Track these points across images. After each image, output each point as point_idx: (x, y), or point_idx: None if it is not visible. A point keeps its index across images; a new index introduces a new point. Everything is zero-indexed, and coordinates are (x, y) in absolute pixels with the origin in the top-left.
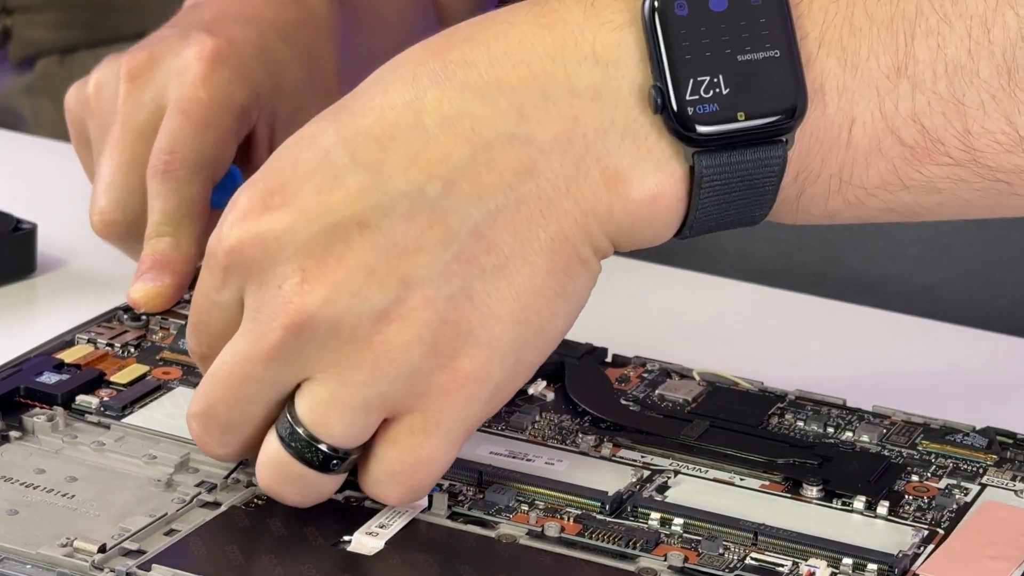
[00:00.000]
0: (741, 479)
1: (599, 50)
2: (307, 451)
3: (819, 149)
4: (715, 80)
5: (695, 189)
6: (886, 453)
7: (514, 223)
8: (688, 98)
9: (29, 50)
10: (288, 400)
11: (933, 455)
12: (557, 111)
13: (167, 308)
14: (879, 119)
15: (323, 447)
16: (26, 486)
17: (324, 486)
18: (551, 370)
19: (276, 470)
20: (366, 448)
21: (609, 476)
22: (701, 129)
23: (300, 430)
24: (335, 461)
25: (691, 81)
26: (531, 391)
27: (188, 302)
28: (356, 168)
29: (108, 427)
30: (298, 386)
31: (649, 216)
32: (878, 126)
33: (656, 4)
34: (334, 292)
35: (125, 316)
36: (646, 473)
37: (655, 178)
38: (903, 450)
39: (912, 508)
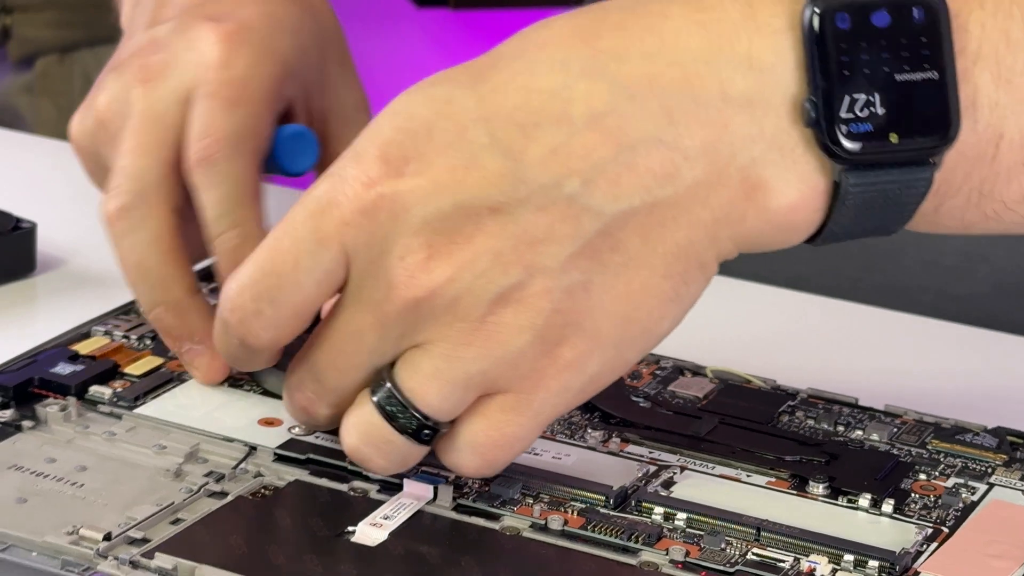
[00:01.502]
0: (748, 476)
1: (754, 54)
2: (402, 416)
3: (964, 164)
4: (871, 99)
5: (837, 204)
6: (895, 452)
7: (645, 226)
8: (842, 115)
9: (28, 49)
10: (387, 365)
11: (942, 454)
12: (707, 117)
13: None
14: None
15: (418, 415)
16: (36, 475)
17: (410, 455)
18: None
19: (366, 432)
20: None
21: (615, 471)
22: (851, 147)
23: (398, 395)
24: (427, 431)
25: (847, 98)
26: None
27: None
28: (495, 151)
29: (120, 417)
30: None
31: (784, 225)
32: None
33: (818, 12)
34: (458, 272)
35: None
36: (652, 468)
37: (797, 190)
38: (912, 449)
39: (918, 506)
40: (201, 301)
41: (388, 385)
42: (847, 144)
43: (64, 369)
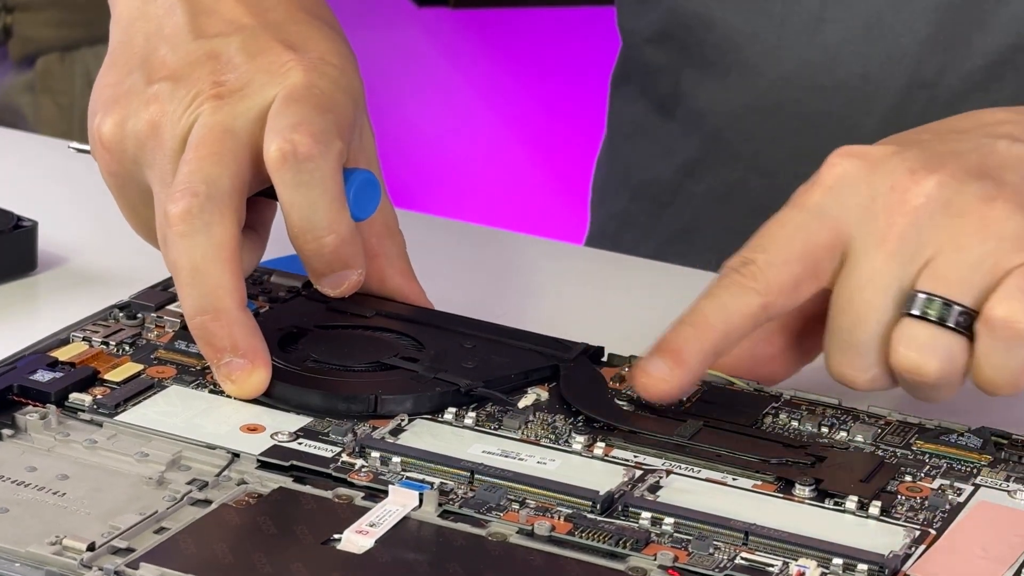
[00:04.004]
0: (734, 479)
1: None
2: (946, 313)
3: None
4: None
5: None
6: (880, 453)
7: None
8: None
9: (30, 48)
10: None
11: (927, 455)
12: None
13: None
14: None
15: (958, 304)
16: (17, 484)
17: (960, 355)
18: (546, 372)
19: (923, 346)
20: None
21: (601, 476)
22: None
23: (936, 299)
24: (963, 316)
25: None
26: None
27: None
28: None
29: (100, 425)
30: None
31: None
32: None
33: None
34: (944, 177)
35: (120, 314)
36: (638, 473)
37: None
38: (897, 450)
39: (905, 508)
40: (248, 315)
41: (920, 295)
42: None
43: (43, 376)
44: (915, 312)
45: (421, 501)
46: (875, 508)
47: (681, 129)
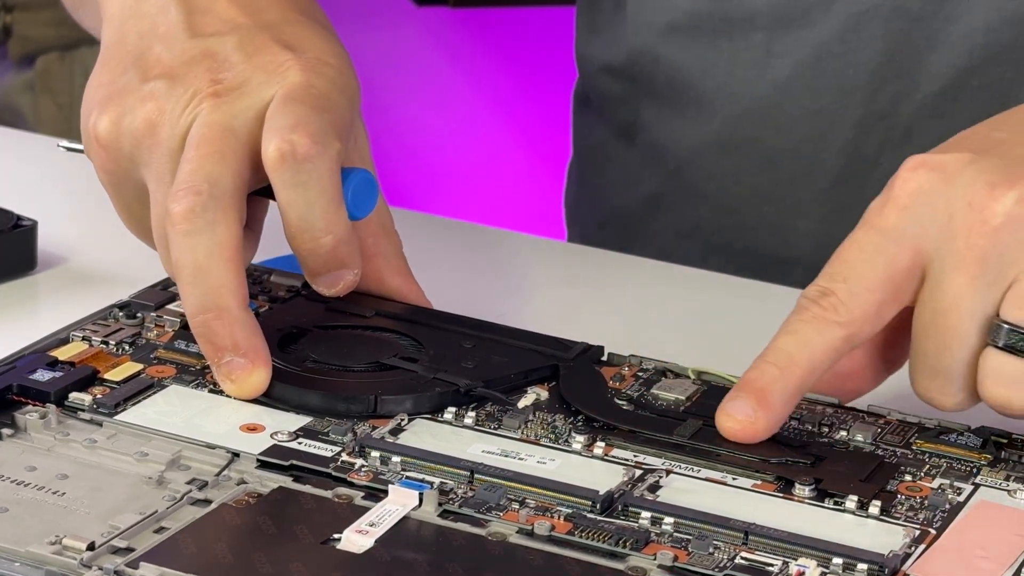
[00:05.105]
0: (733, 479)
1: None
2: None
3: None
4: None
5: None
6: (880, 453)
7: None
8: None
9: (29, 47)
10: (989, 317)
11: (927, 455)
12: None
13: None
14: None
15: None
16: (17, 484)
17: None
18: (546, 372)
19: (1012, 381)
20: None
21: (601, 475)
22: None
23: (1021, 331)
24: None
25: None
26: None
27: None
28: None
29: (100, 424)
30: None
31: None
32: None
33: None
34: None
35: (120, 314)
36: (638, 472)
37: None
38: (897, 450)
39: (904, 508)
40: (250, 315)
41: (1005, 326)
42: None
43: (43, 376)
44: (1000, 344)
45: (421, 501)
46: (875, 508)
47: (643, 160)
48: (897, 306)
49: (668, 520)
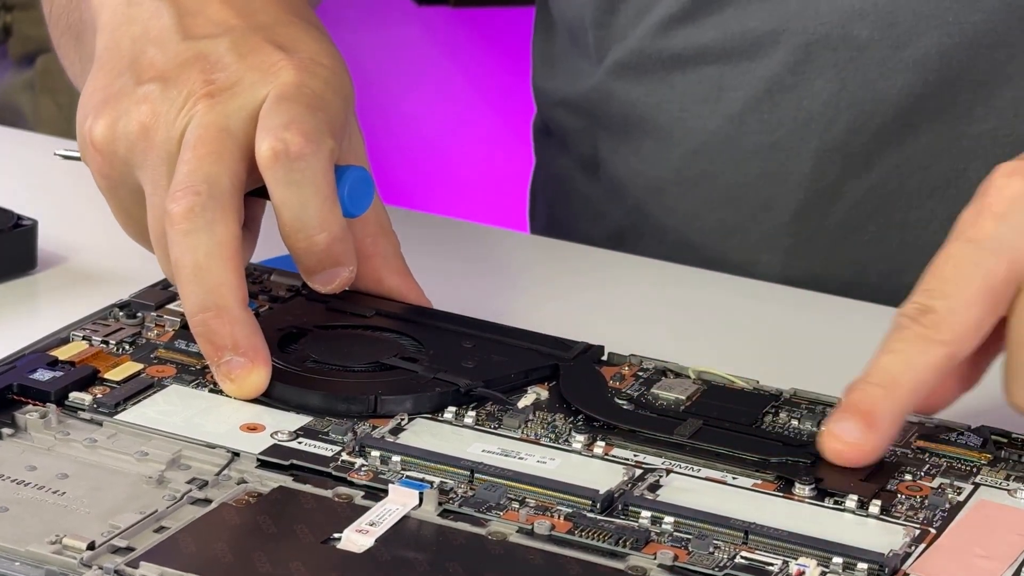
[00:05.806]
0: (734, 478)
1: None
2: None
3: None
4: None
5: None
6: None
7: None
8: None
9: (30, 47)
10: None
11: (927, 454)
12: None
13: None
14: None
15: None
16: (17, 483)
17: None
18: (546, 371)
19: None
20: None
21: (601, 475)
22: None
23: None
24: None
25: None
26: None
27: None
28: None
29: (100, 424)
30: None
31: None
32: None
33: None
34: None
35: (120, 313)
36: (638, 472)
37: None
38: (897, 449)
39: (904, 507)
40: (250, 315)
41: None
42: None
43: (43, 375)
44: None
45: (421, 500)
46: (875, 507)
47: (606, 194)
48: (995, 318)
49: (668, 519)
